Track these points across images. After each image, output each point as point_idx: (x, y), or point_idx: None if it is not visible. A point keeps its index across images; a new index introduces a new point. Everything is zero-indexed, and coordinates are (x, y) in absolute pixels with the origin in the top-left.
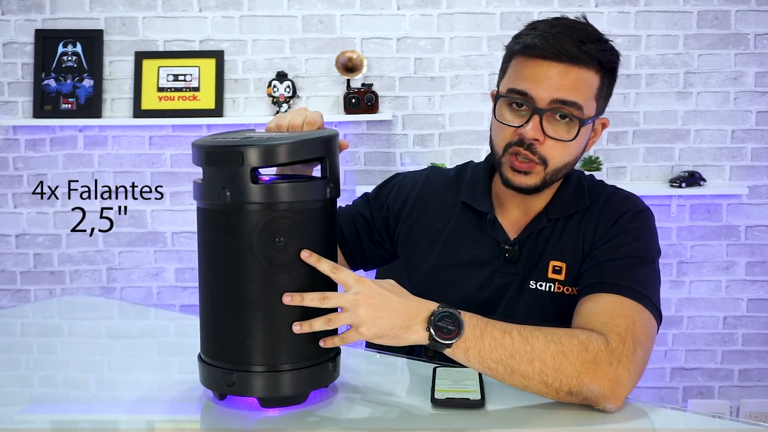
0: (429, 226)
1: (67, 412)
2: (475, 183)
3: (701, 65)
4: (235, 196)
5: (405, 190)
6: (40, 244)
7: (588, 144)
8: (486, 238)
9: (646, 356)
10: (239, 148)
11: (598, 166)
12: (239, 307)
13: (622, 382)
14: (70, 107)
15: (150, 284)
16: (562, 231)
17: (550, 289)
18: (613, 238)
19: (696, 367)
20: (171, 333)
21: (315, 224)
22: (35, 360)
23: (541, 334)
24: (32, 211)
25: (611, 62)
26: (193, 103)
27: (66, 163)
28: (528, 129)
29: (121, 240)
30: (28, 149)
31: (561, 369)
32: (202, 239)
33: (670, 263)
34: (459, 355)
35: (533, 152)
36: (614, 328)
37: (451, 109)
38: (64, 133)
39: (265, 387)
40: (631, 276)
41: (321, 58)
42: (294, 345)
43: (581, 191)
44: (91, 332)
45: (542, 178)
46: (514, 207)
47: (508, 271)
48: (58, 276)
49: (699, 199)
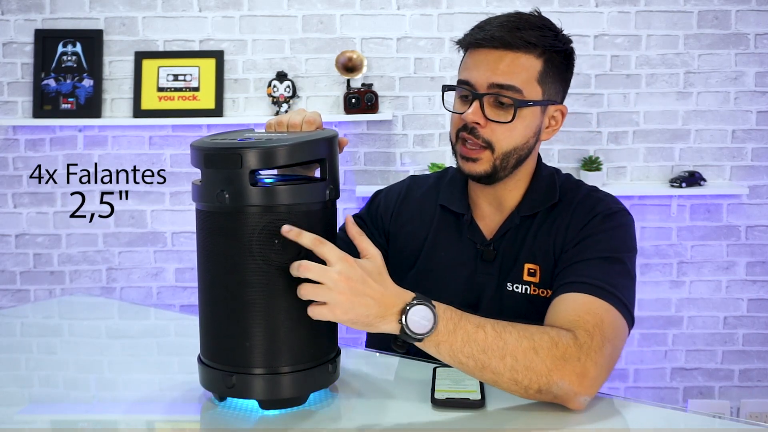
0: (411, 234)
1: (66, 413)
2: (453, 185)
3: (701, 65)
4: (234, 198)
5: (390, 203)
6: (39, 244)
7: (544, 131)
8: (464, 240)
9: (614, 353)
10: (238, 150)
11: (599, 166)
12: (238, 309)
13: (590, 375)
14: (69, 107)
15: (150, 284)
16: (537, 232)
17: (526, 292)
18: (584, 239)
19: (696, 367)
20: (171, 333)
21: (314, 226)
22: (35, 360)
23: (514, 330)
24: (32, 211)
25: (554, 46)
26: (192, 103)
27: (66, 163)
28: (469, 113)
29: (120, 240)
30: (27, 149)
31: (531, 366)
32: (201, 241)
33: (670, 263)
34: (430, 348)
35: (476, 136)
36: (582, 325)
37: None
38: (63, 133)
39: (265, 389)
40: (600, 276)
41: (321, 57)
42: (293, 347)
43: (552, 187)
44: (91, 332)
45: (492, 164)
46: (486, 204)
47: (486, 272)
48: (57, 276)
49: (699, 199)
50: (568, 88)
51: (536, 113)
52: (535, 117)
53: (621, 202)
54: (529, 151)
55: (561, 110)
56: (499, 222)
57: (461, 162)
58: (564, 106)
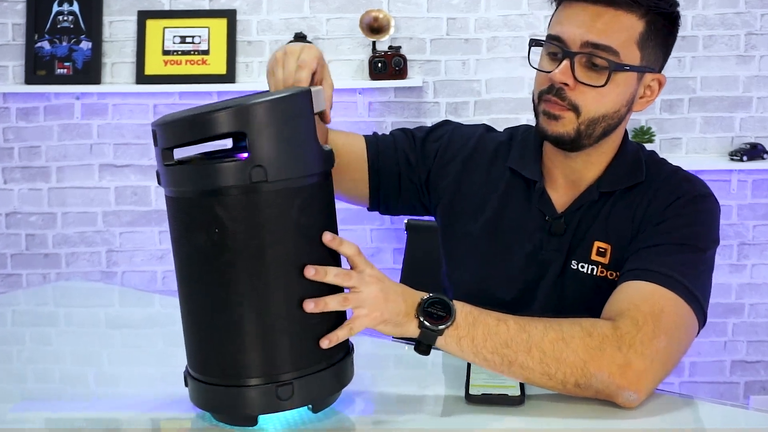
0: (476, 192)
1: (63, 410)
2: (525, 148)
3: (764, 26)
4: (162, 182)
5: (455, 146)
6: (32, 223)
7: (637, 101)
8: (533, 210)
9: (672, 348)
10: (154, 126)
11: (651, 138)
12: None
13: (634, 367)
14: (65, 72)
15: (155, 268)
16: (611, 210)
17: (593, 272)
18: (663, 222)
19: (759, 359)
20: (178, 322)
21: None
22: (28, 352)
23: (539, 323)
24: (24, 187)
25: (659, 7)
26: (202, 68)
27: (61, 134)
28: (557, 72)
29: (122, 219)
30: (19, 119)
31: (562, 358)
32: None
33: (730, 245)
34: (452, 345)
35: (562, 98)
36: (630, 314)
37: (487, 75)
38: (59, 101)
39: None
40: (673, 264)
41: (344, 17)
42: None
43: (637, 164)
44: (90, 321)
45: (576, 128)
46: (562, 176)
47: (552, 247)
48: (52, 259)
49: (762, 173)
50: (668, 56)
51: (631, 80)
52: (630, 84)
53: (709, 187)
54: (619, 122)
55: (659, 80)
56: (573, 196)
57: (543, 120)
58: (662, 75)
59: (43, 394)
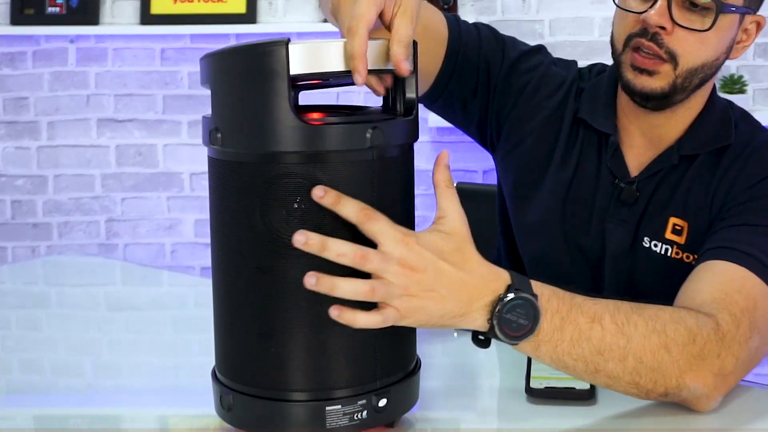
0: (538, 140)
1: (54, 405)
2: (595, 95)
3: None
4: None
5: (547, 89)
6: (19, 188)
7: (735, 47)
8: (602, 170)
9: (763, 348)
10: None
11: (742, 88)
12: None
13: (726, 372)
14: (58, 11)
15: (162, 240)
16: (694, 178)
17: (666, 253)
18: (753, 200)
19: None
20: (189, 303)
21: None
22: (14, 338)
23: (641, 319)
24: (9, 145)
25: None
26: (217, 6)
27: (53, 83)
28: (652, 13)
29: (124, 183)
30: (4, 65)
31: (660, 368)
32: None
33: None
34: (526, 348)
35: (659, 44)
36: (727, 307)
37: (551, 14)
38: (50, 45)
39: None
40: (764, 247)
41: None
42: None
43: (726, 123)
44: (86, 302)
45: (671, 82)
46: (639, 133)
47: (620, 217)
48: (43, 229)
49: None
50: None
51: (733, 23)
52: (732, 28)
53: None
54: (716, 71)
55: (758, 21)
56: (650, 157)
57: (630, 74)
58: (762, 16)
59: (32, 387)
